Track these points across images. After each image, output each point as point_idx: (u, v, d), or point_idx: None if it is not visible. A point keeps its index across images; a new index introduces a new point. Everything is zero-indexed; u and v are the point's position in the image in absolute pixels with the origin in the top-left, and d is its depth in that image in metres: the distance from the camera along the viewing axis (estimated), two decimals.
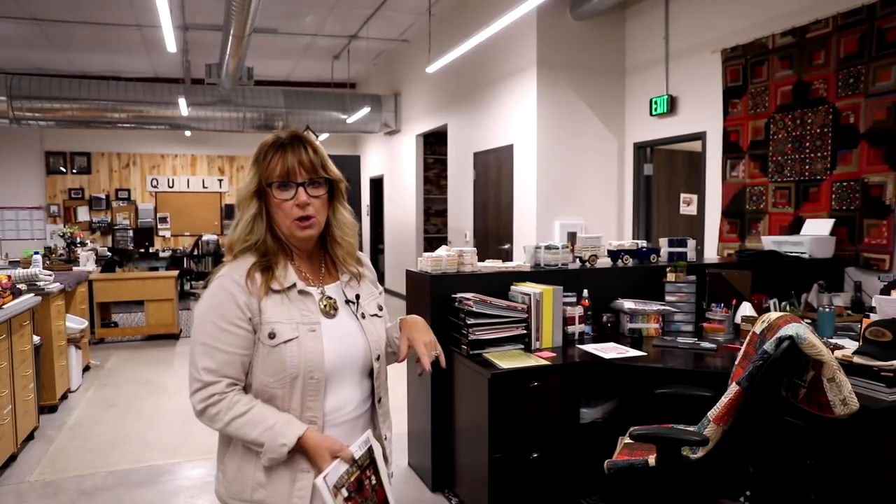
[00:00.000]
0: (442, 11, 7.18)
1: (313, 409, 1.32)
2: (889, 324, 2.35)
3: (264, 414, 1.29)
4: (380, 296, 1.54)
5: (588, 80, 5.85)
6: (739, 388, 2.04)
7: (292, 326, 1.31)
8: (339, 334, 1.36)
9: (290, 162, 1.32)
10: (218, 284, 1.33)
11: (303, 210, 1.33)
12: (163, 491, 3.29)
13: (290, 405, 1.31)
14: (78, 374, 5.18)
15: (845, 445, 2.23)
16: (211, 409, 1.29)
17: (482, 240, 6.79)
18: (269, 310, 1.31)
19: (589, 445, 2.84)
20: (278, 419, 1.29)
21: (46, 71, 9.66)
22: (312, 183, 1.34)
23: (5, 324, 3.45)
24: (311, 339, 1.32)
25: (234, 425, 1.28)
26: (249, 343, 1.31)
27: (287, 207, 1.33)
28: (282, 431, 1.27)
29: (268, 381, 1.31)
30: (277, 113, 8.89)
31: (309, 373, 1.30)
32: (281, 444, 1.26)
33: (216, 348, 1.30)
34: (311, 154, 1.35)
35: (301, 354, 1.30)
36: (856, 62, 3.76)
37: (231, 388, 1.31)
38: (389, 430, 1.52)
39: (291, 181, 1.33)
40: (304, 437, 1.28)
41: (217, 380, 1.30)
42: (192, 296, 10.62)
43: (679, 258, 3.56)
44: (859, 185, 3.76)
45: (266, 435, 1.27)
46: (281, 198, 1.33)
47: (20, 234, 10.95)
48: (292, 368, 1.29)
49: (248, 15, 5.41)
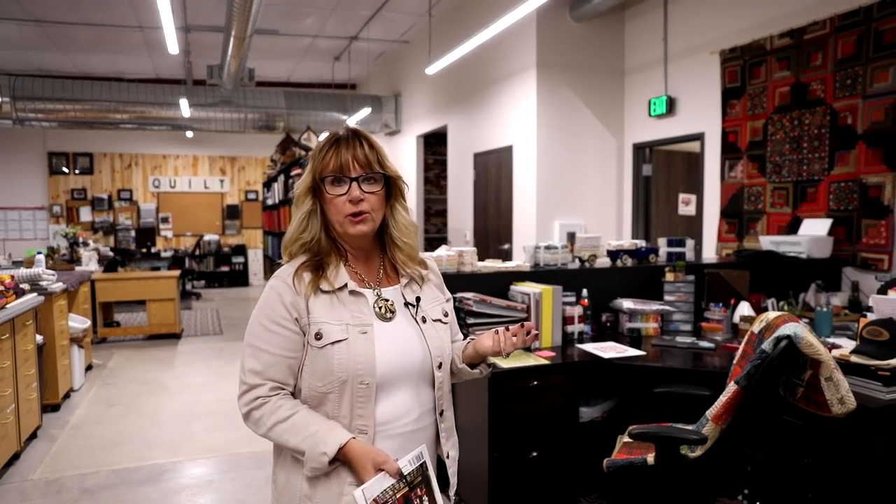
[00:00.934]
0: (442, 13, 7.20)
1: (364, 417, 1.24)
2: (886, 323, 2.37)
3: (307, 420, 1.23)
4: (446, 302, 1.45)
5: (587, 81, 5.87)
6: (738, 387, 2.06)
7: (342, 328, 1.25)
8: (394, 338, 1.29)
9: (344, 157, 1.28)
10: (269, 285, 1.31)
11: (356, 206, 1.27)
12: (164, 489, 3.31)
13: (340, 412, 1.24)
14: (80, 374, 5.20)
15: (843, 444, 2.24)
16: (255, 412, 1.25)
17: (482, 240, 6.81)
18: (317, 310, 1.26)
19: (588, 444, 2.85)
20: (321, 426, 1.22)
21: (49, 72, 9.68)
22: (367, 178, 1.29)
23: (8, 323, 3.47)
24: (361, 341, 1.24)
25: (277, 431, 1.23)
26: (297, 345, 1.26)
27: (339, 203, 1.28)
28: (323, 440, 1.20)
29: (316, 385, 1.25)
30: (278, 114, 8.91)
31: (359, 377, 1.23)
32: (321, 453, 1.19)
33: (262, 350, 1.26)
34: (367, 149, 1.29)
35: (350, 357, 1.23)
36: (853, 63, 3.77)
37: (276, 391, 1.26)
38: (454, 449, 1.40)
39: (345, 176, 1.28)
40: (347, 446, 1.20)
41: (261, 382, 1.25)
42: (194, 295, 10.65)
43: (678, 258, 3.58)
44: (857, 185, 3.78)
45: (307, 442, 1.20)
46: (334, 193, 1.28)
47: (23, 235, 10.98)
48: (340, 372, 1.23)
49: (250, 16, 5.43)
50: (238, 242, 12.27)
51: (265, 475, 3.44)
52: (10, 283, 3.70)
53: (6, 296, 3.53)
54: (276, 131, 9.09)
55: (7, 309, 3.44)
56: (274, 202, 7.92)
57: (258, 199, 12.02)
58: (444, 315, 1.41)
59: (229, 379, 5.38)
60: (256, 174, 12.31)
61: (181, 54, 8.21)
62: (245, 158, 12.33)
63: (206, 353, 6.50)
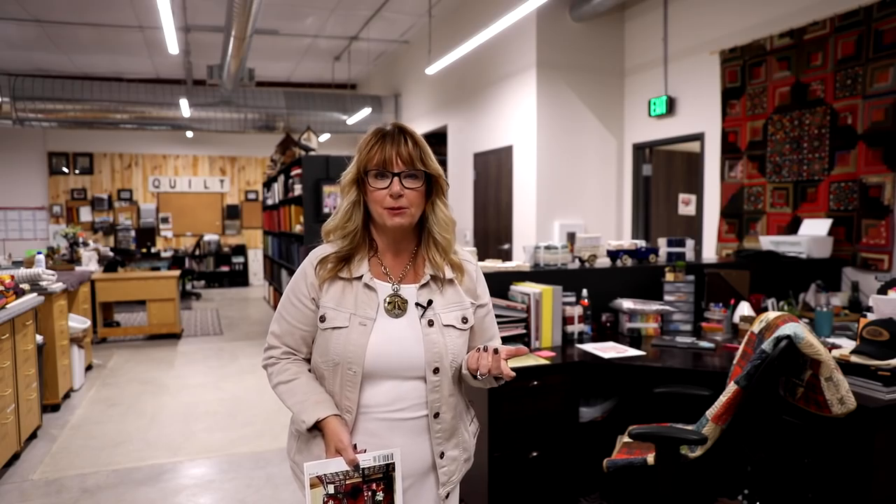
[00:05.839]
0: (442, 13, 7.20)
1: (350, 399, 1.34)
2: (886, 323, 2.37)
3: (303, 388, 1.37)
4: (474, 307, 1.45)
5: (587, 81, 5.87)
6: (738, 387, 2.05)
7: (346, 316, 1.35)
8: (392, 335, 1.35)
9: (389, 152, 1.32)
10: (303, 263, 1.44)
11: (395, 200, 1.32)
12: (164, 489, 3.31)
13: (333, 388, 1.36)
14: (80, 374, 5.20)
15: (843, 444, 2.24)
16: (268, 368, 1.44)
17: (482, 240, 6.81)
18: (329, 295, 1.37)
19: (588, 444, 2.85)
20: (311, 397, 1.35)
21: (49, 72, 9.69)
22: (409, 175, 1.34)
23: (8, 323, 3.47)
24: (358, 332, 1.34)
25: (279, 389, 1.40)
26: (311, 321, 1.39)
27: (380, 196, 1.33)
28: (307, 409, 1.33)
29: (318, 360, 1.40)
30: (278, 114, 8.91)
31: (348, 364, 1.33)
32: (301, 420, 1.33)
33: (283, 318, 1.42)
34: (411, 146, 1.34)
35: (345, 345, 1.33)
36: (853, 63, 3.77)
37: (287, 355, 1.42)
38: (457, 450, 1.44)
39: (388, 171, 1.33)
40: (324, 422, 1.31)
41: (277, 345, 1.43)
42: (194, 295, 10.65)
43: (678, 258, 3.58)
44: (857, 185, 3.78)
45: (297, 407, 1.35)
46: (376, 186, 1.34)
47: (23, 235, 10.98)
48: (335, 355, 1.34)
49: (250, 16, 5.43)
50: (238, 242, 12.27)
51: (265, 475, 3.44)
52: (10, 283, 3.70)
53: (6, 296, 3.53)
54: (276, 131, 9.09)
55: (7, 309, 3.44)
56: (274, 202, 7.91)
57: (258, 199, 12.03)
58: (463, 321, 1.41)
59: (229, 379, 5.38)
60: (256, 174, 12.32)
61: (181, 54, 8.22)
62: (245, 158, 12.33)
63: (206, 353, 6.50)
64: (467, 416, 1.52)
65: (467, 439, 1.48)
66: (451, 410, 1.40)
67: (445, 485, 1.41)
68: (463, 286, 1.44)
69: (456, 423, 1.43)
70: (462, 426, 1.47)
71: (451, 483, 1.42)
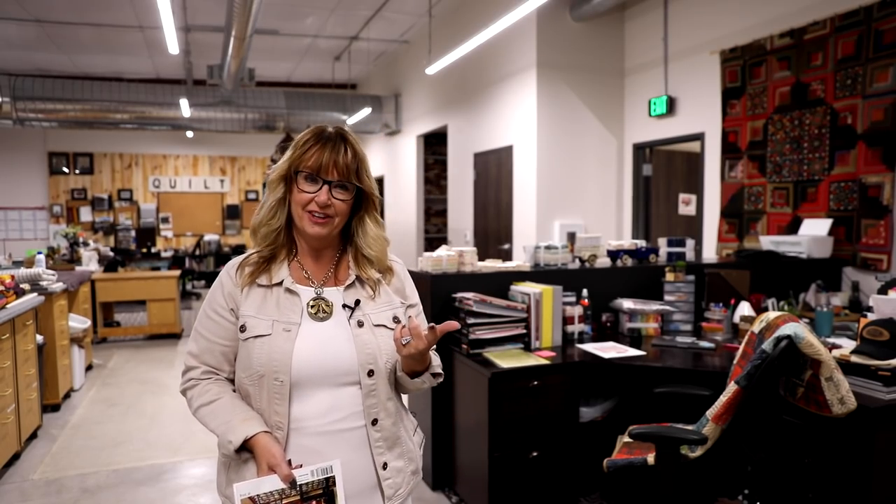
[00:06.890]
0: (442, 13, 7.20)
1: (279, 414, 1.24)
2: (886, 323, 2.37)
3: (227, 408, 1.26)
4: (401, 307, 1.38)
5: (587, 81, 5.87)
6: (738, 387, 2.06)
7: (268, 323, 1.26)
8: (319, 339, 1.27)
9: (325, 158, 1.25)
10: (219, 274, 1.36)
11: (320, 208, 1.26)
12: (164, 489, 3.31)
13: (261, 405, 1.25)
14: (80, 374, 5.20)
15: (843, 444, 2.24)
16: (187, 392, 1.32)
17: (482, 240, 6.81)
18: (248, 303, 1.28)
19: (588, 444, 2.86)
20: (237, 416, 1.24)
21: (49, 72, 9.69)
22: (340, 185, 1.27)
23: (9, 323, 3.47)
24: (283, 339, 1.25)
25: (201, 413, 1.28)
26: (230, 334, 1.30)
27: (305, 199, 1.27)
28: (233, 429, 1.22)
29: (241, 375, 1.29)
30: (279, 114, 8.91)
31: (274, 373, 1.23)
32: (228, 441, 1.21)
33: (200, 334, 1.32)
34: (350, 157, 1.27)
35: (269, 353, 1.24)
36: (853, 63, 3.77)
37: (207, 375, 1.30)
38: (402, 460, 1.34)
39: (320, 177, 1.26)
40: (253, 440, 1.20)
41: (196, 365, 1.31)
42: (194, 295, 10.65)
43: (678, 258, 3.58)
44: (857, 185, 3.78)
45: (221, 429, 1.23)
46: (303, 189, 1.27)
47: (23, 235, 10.98)
48: (259, 366, 1.24)
49: (250, 16, 5.43)
50: (238, 242, 12.26)
51: None
52: (10, 283, 3.70)
53: (6, 296, 3.53)
54: (276, 131, 9.09)
55: (7, 309, 3.44)
56: None
57: (258, 199, 12.02)
58: (394, 321, 1.34)
59: None
60: (256, 174, 12.32)
61: (181, 54, 8.21)
62: (245, 158, 12.33)
63: None
64: (410, 425, 1.41)
65: (412, 448, 1.38)
66: (390, 416, 1.31)
67: (392, 499, 1.31)
68: (391, 286, 1.38)
69: (397, 430, 1.33)
70: (404, 434, 1.37)
71: (398, 497, 1.32)
